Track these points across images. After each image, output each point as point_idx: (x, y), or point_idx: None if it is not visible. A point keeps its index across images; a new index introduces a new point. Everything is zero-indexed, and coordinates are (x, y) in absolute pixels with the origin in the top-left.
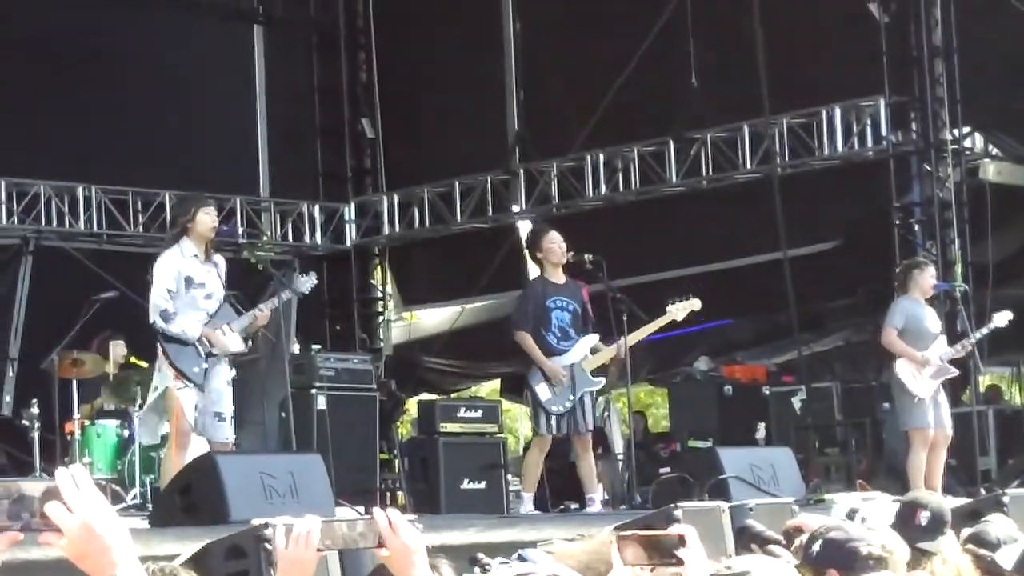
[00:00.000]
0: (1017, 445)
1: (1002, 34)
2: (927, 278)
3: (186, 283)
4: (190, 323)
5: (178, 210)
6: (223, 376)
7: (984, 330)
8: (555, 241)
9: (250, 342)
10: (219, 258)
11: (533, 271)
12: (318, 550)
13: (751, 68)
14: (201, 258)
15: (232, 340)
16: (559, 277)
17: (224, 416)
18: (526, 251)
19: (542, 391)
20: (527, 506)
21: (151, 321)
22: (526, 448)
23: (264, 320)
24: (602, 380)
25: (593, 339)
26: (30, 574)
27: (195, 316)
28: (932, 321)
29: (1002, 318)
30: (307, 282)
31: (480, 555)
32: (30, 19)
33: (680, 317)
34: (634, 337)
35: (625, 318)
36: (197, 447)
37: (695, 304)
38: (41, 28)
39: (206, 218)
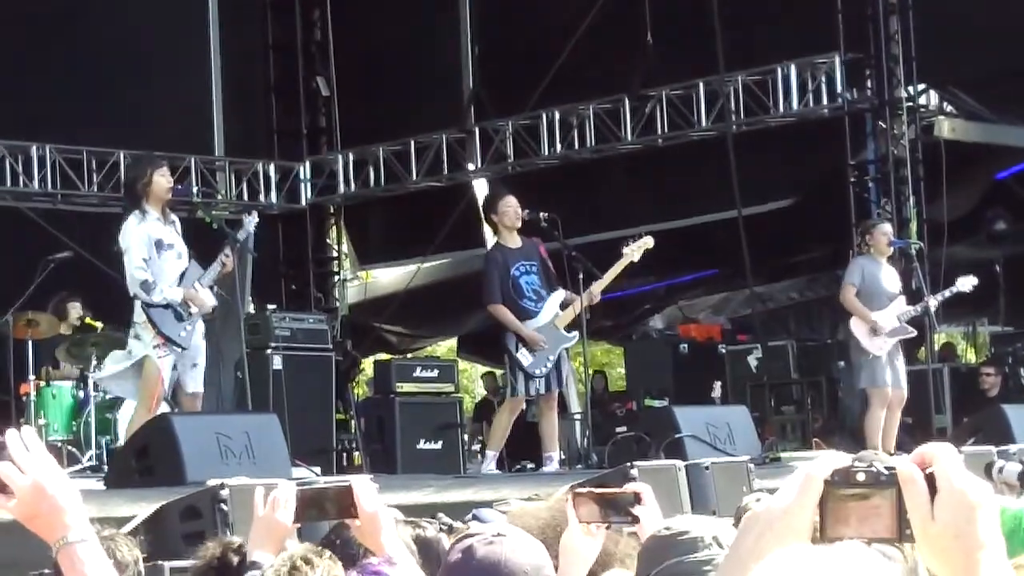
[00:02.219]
0: (972, 403)
1: None
2: (883, 236)
3: (157, 247)
4: (170, 289)
5: (133, 173)
6: (200, 331)
7: (947, 292)
8: (511, 205)
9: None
10: (174, 216)
11: (488, 231)
12: (296, 522)
13: (706, 25)
14: (163, 220)
15: (207, 296)
16: (515, 240)
17: (199, 365)
18: (482, 214)
19: (523, 356)
20: (490, 465)
21: (132, 294)
22: (478, 406)
23: (230, 266)
24: (576, 334)
25: (561, 295)
26: None
27: (171, 279)
28: (890, 281)
29: (966, 283)
30: (251, 221)
31: (441, 515)
32: None
33: (636, 257)
34: (599, 285)
35: (581, 276)
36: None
37: (648, 241)
38: None
39: (162, 180)
